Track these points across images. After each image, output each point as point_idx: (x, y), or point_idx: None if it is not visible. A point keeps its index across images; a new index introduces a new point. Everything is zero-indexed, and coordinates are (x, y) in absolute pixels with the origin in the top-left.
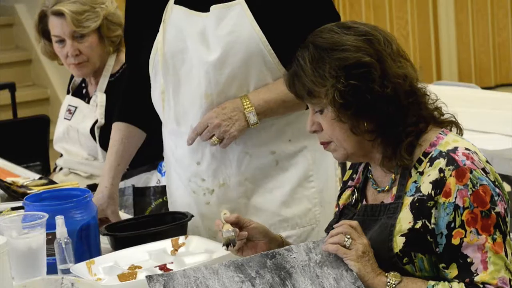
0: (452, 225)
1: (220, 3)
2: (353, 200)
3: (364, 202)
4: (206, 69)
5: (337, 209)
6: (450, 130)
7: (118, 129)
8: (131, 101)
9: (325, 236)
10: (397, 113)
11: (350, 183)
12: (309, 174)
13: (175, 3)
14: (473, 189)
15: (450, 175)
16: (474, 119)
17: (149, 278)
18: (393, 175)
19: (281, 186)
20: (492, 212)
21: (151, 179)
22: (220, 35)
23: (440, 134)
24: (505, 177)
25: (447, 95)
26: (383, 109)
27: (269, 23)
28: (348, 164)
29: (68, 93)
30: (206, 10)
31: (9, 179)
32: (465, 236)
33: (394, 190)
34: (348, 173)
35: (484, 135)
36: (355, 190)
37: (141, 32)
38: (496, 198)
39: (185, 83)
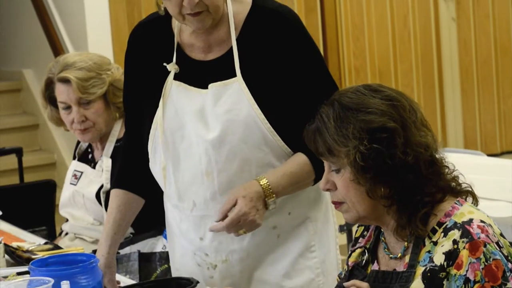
0: None
1: (218, 81)
2: (363, 261)
3: (375, 264)
4: (206, 147)
5: (346, 268)
6: (465, 200)
7: (115, 196)
8: (129, 168)
9: None
10: (416, 182)
11: (360, 240)
12: (311, 244)
13: (175, 78)
14: (486, 263)
15: (464, 248)
16: (480, 186)
17: None
18: (406, 243)
19: (283, 257)
20: None
21: (156, 244)
22: (218, 114)
23: (456, 204)
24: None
25: (453, 162)
26: (403, 176)
27: (267, 100)
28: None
29: (74, 158)
30: (205, 86)
31: (14, 244)
32: None
33: (407, 258)
34: (360, 229)
35: (490, 202)
36: (366, 251)
37: (140, 102)
38: (508, 273)
39: (185, 160)
